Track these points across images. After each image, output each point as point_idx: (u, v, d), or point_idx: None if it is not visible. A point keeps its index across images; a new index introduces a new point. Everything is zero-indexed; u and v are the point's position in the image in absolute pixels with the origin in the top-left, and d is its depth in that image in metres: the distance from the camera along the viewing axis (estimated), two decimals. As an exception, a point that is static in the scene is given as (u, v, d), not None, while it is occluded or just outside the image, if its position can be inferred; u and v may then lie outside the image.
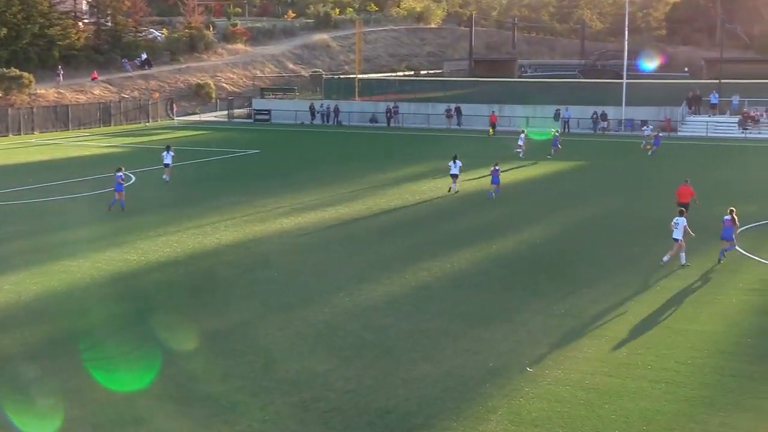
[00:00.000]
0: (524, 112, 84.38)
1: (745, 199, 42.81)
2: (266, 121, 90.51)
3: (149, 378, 19.17)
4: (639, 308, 24.48)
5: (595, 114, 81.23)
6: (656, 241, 33.55)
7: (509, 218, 38.65)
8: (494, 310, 24.37)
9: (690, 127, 78.61)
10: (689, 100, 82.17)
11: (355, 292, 26.25)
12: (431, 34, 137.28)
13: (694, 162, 58.82)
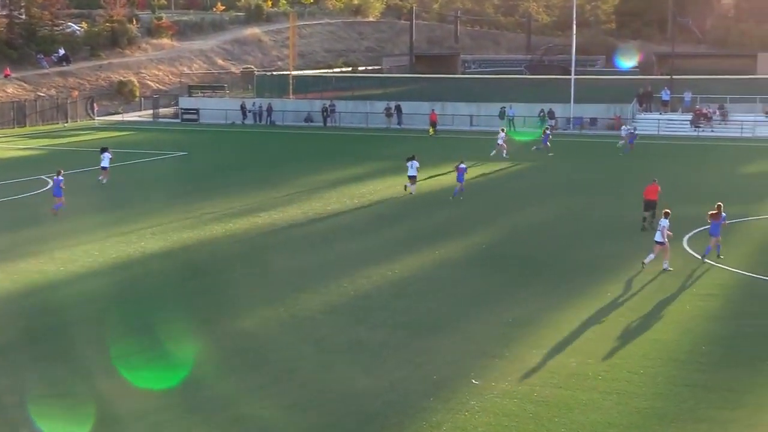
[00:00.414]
0: (468, 110, 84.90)
1: (700, 200, 43.46)
2: (194, 121, 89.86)
3: (57, 399, 18.93)
4: (589, 315, 24.72)
5: (542, 112, 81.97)
6: (608, 245, 33.97)
7: (454, 221, 38.82)
8: (439, 319, 24.45)
9: (641, 125, 79.59)
10: (640, 97, 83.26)
11: (290, 302, 26.16)
12: (369, 28, 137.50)
13: (645, 162, 59.60)
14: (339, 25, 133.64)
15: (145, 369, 20.58)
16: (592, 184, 50.21)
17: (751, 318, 24.67)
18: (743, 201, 42.76)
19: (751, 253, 32.54)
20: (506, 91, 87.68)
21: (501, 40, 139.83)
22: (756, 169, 56.07)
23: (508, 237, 35.98)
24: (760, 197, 44.30)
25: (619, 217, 39.92)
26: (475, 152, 61.07)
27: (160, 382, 19.76)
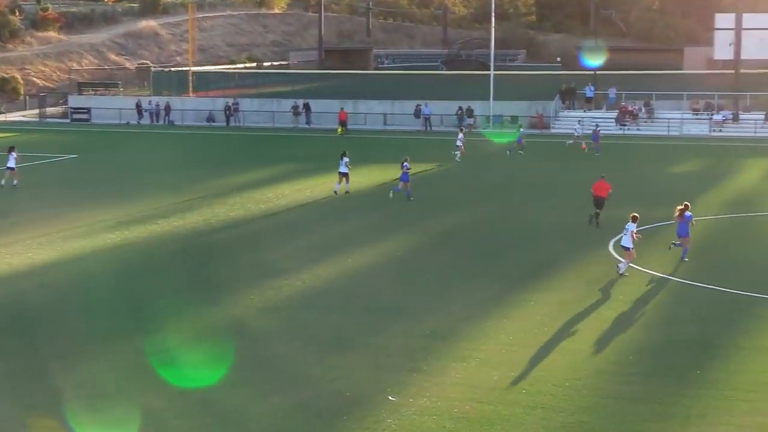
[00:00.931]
0: (381, 108, 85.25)
1: (627, 202, 44.23)
2: (85, 121, 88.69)
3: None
4: (512, 325, 25.02)
5: (460, 110, 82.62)
6: (531, 250, 34.41)
7: (367, 229, 38.96)
8: (351, 332, 24.51)
9: (564, 123, 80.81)
10: (563, 93, 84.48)
11: (192, 317, 26.00)
12: (275, 20, 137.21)
13: (568, 162, 60.53)
14: (242, 18, 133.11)
15: (31, 395, 20.29)
16: (516, 186, 50.82)
17: (679, 325, 25.20)
18: (671, 202, 43.56)
19: (677, 257, 33.20)
20: (422, 88, 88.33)
21: (416, 34, 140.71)
22: (684, 169, 57.32)
23: (426, 244, 36.20)
24: (687, 198, 44.96)
25: (545, 221, 40.47)
26: (388, 153, 61.31)
27: (53, 407, 19.50)
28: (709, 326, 25.11)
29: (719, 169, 57.86)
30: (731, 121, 79.17)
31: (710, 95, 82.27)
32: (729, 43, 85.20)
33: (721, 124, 78.80)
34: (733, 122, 79.13)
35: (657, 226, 38.87)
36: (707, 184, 50.76)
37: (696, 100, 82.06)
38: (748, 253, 34.36)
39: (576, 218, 40.70)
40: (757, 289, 28.91)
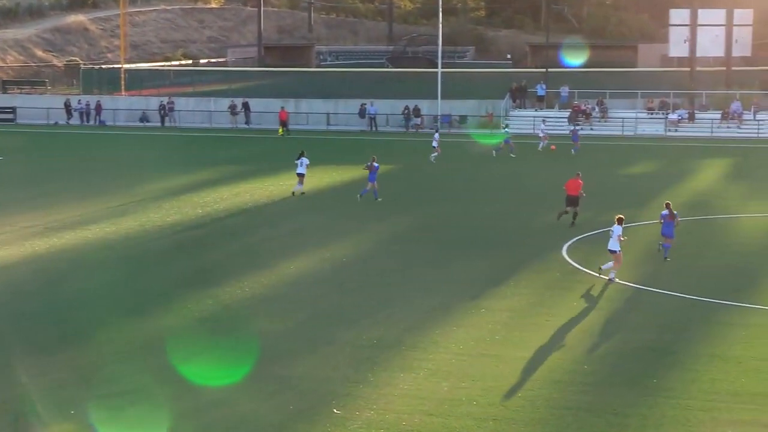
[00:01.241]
0: (324, 107, 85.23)
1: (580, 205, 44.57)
2: (10, 121, 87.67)
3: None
4: (462, 334, 25.08)
5: (407, 109, 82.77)
6: (483, 255, 34.52)
7: (310, 233, 38.89)
8: (294, 342, 24.43)
9: (515, 123, 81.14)
10: (513, 92, 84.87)
11: (125, 327, 25.76)
12: (212, 15, 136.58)
13: (518, 164, 60.86)
14: (177, 12, 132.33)
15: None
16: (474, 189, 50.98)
17: (636, 332, 25.40)
18: (625, 205, 43.91)
19: (634, 263, 33.50)
20: (366, 87, 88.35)
21: (360, 30, 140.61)
22: (639, 170, 57.83)
23: (373, 249, 36.22)
24: (643, 201, 45.67)
25: (499, 225, 40.65)
26: (332, 155, 61.28)
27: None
28: (666, 333, 25.34)
29: (675, 170, 58.45)
30: (687, 121, 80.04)
31: (665, 94, 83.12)
32: (684, 40, 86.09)
33: (676, 124, 79.64)
34: (688, 121, 80.00)
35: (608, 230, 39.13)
36: (663, 186, 51.23)
37: (651, 99, 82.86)
38: (706, 257, 34.74)
39: (530, 222, 41.01)
40: (715, 294, 29.23)
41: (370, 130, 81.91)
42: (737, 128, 78.77)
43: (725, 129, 78.53)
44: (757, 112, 79.64)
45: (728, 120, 79.13)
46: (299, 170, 47.22)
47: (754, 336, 24.98)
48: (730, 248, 35.84)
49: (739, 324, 26.20)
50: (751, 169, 59.30)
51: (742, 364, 22.70)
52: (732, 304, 28.18)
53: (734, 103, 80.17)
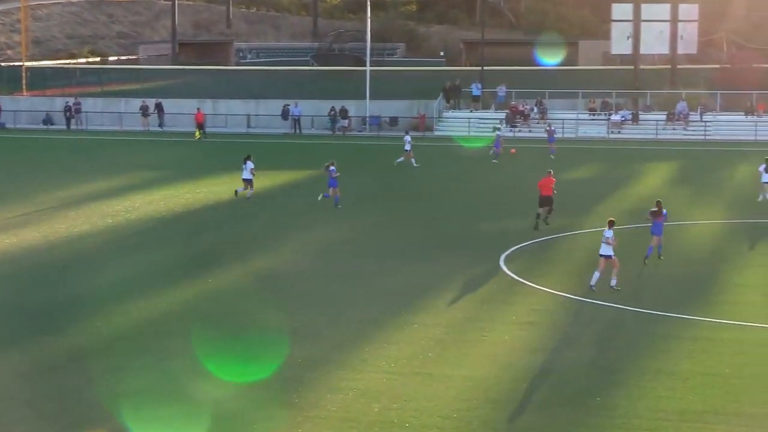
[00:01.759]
0: (244, 108, 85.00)
1: (518, 212, 44.93)
2: None
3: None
4: (394, 351, 25.11)
5: (333, 110, 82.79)
6: (413, 267, 34.61)
7: (231, 244, 38.75)
8: (213, 362, 24.29)
9: (449, 125, 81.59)
10: (447, 91, 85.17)
11: (30, 348, 25.48)
12: (121, 9, 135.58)
13: (452, 168, 61.15)
14: (83, 6, 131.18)
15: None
16: (402, 195, 51.15)
17: (578, 348, 25.61)
18: (566, 213, 44.37)
19: (574, 273, 33.82)
20: (290, 86, 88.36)
21: (282, 25, 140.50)
22: (580, 175, 58.30)
23: (297, 261, 36.16)
24: (584, 208, 46.10)
25: (432, 234, 40.79)
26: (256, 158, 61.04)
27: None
28: (609, 348, 25.59)
29: (618, 174, 59.06)
30: (630, 122, 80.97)
31: (608, 93, 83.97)
32: (627, 36, 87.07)
33: (619, 125, 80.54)
34: (632, 123, 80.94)
35: (551, 238, 39.52)
36: (605, 192, 51.77)
37: (592, 99, 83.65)
38: (651, 267, 35.11)
39: (468, 229, 41.24)
40: (660, 306, 29.58)
41: (294, 132, 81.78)
42: (683, 130, 79.83)
43: (671, 131, 79.56)
44: (703, 112, 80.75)
45: (674, 121, 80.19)
46: (244, 175, 47.47)
47: (702, 350, 25.32)
48: (676, 257, 36.27)
49: (685, 337, 26.54)
50: (697, 174, 60.09)
51: (689, 380, 22.99)
52: (678, 317, 28.53)
53: (680, 104, 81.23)
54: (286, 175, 57.02)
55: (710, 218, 44.54)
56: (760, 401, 21.52)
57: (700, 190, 53.68)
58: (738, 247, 39.05)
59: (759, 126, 79.08)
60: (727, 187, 54.63)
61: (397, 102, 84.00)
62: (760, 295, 31.12)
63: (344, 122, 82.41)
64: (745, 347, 25.51)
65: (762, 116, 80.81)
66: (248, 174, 47.65)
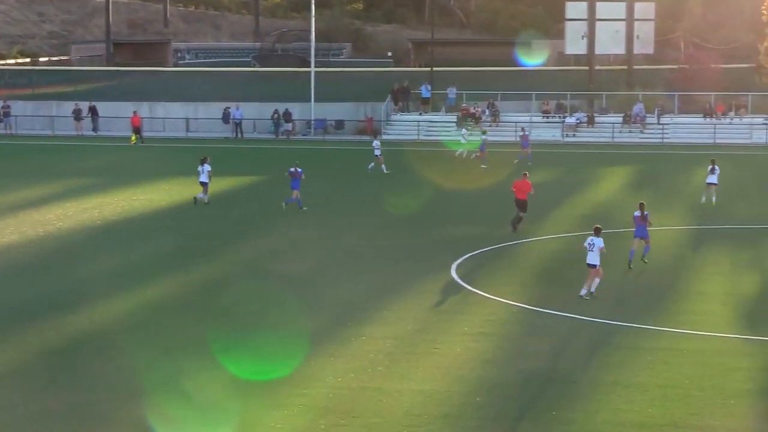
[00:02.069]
0: (183, 111, 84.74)
1: (468, 219, 45.09)
2: None
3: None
4: (341, 365, 25.08)
5: (276, 113, 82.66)
6: (361, 276, 34.63)
7: (170, 254, 38.64)
8: (152, 377, 24.15)
9: (397, 128, 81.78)
10: (395, 93, 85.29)
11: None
12: (52, 7, 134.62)
13: (401, 173, 61.22)
14: (11, 4, 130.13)
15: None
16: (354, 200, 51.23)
17: (532, 360, 25.70)
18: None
19: (529, 282, 33.98)
20: (231, 88, 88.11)
21: (223, 24, 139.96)
22: (534, 180, 58.11)
23: (239, 271, 36.10)
24: (538, 214, 46.29)
25: (382, 242, 40.83)
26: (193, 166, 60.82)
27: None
28: (565, 360, 25.72)
29: (573, 179, 59.39)
30: (586, 125, 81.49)
31: (562, 95, 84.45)
32: (582, 36, 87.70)
33: (574, 128, 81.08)
34: (587, 126, 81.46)
35: (504, 246, 39.67)
36: (560, 197, 52.03)
37: (546, 101, 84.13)
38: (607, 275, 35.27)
39: (419, 236, 41.30)
40: (617, 316, 29.78)
41: (235, 136, 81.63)
42: (640, 133, 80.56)
43: (627, 134, 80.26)
44: (661, 114, 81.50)
45: (630, 124, 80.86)
46: (201, 178, 47.43)
47: (661, 361, 25.48)
48: (633, 265, 36.52)
49: (643, 348, 26.70)
50: (655, 178, 60.57)
51: (648, 392, 23.13)
52: (636, 327, 28.72)
53: (637, 106, 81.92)
54: (226, 181, 56.78)
55: (668, 225, 44.85)
56: (721, 414, 21.70)
57: (657, 195, 54.03)
58: (697, 254, 39.44)
59: (718, 128, 79.88)
60: (685, 192, 55.07)
61: (343, 104, 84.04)
62: (720, 304, 31.41)
63: (288, 126, 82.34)
64: (705, 358, 25.71)
65: (721, 118, 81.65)
66: (205, 177, 47.51)
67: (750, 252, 39.40)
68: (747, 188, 54.85)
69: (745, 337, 27.68)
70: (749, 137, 79.96)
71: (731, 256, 38.64)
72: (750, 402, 22.49)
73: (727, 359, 25.56)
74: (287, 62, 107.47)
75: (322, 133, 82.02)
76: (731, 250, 39.86)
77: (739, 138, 79.48)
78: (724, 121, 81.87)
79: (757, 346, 26.93)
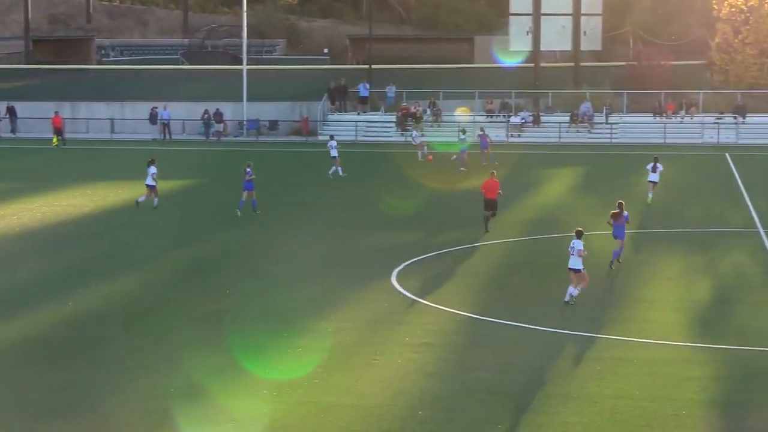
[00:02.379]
0: (108, 112, 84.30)
1: (405, 225, 45.19)
2: None
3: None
4: (275, 378, 25.05)
5: (207, 114, 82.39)
6: (296, 286, 34.61)
7: (93, 263, 38.41)
8: (76, 394, 24.00)
9: (334, 128, 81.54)
10: (332, 92, 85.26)
11: None
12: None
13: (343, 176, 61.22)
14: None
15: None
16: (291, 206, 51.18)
17: (476, 371, 25.76)
18: (459, 226, 44.82)
19: (472, 289, 34.08)
20: (158, 87, 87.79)
21: (149, 20, 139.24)
22: (476, 183, 58.47)
23: (167, 280, 35.95)
24: (476, 220, 46.45)
25: (320, 249, 40.80)
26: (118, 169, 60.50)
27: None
28: (510, 371, 25.80)
29: (518, 181, 59.49)
30: (531, 124, 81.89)
31: (507, 93, 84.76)
32: (526, 32, 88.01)
33: (519, 128, 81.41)
34: (533, 125, 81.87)
35: (446, 252, 39.77)
36: (505, 200, 52.13)
37: (490, 100, 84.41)
38: (554, 282, 35.43)
39: (358, 243, 41.34)
40: (564, 325, 29.91)
41: (164, 138, 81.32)
42: (588, 133, 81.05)
43: (574, 134, 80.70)
44: (609, 114, 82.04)
45: (578, 123, 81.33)
46: (147, 181, 47.40)
47: (610, 371, 25.65)
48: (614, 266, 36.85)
49: (592, 358, 26.88)
50: (603, 179, 60.99)
51: (597, 403, 23.28)
52: (584, 336, 28.88)
53: (584, 104, 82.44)
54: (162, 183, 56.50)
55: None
56: (672, 425, 21.88)
57: (606, 196, 54.34)
58: (647, 259, 39.68)
59: (668, 128, 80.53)
60: (634, 194, 55.39)
61: (277, 104, 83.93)
62: (670, 311, 31.66)
63: (219, 126, 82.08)
64: (655, 368, 25.90)
65: (671, 117, 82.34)
66: (151, 180, 47.22)
67: (702, 256, 39.78)
68: (698, 190, 55.34)
69: (697, 345, 27.95)
70: (701, 137, 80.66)
71: (683, 261, 38.98)
72: (701, 413, 22.70)
73: (679, 368, 25.78)
74: (218, 60, 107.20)
75: (255, 134, 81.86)
76: (683, 254, 40.21)
77: (691, 138, 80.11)
78: (674, 120, 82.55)
79: (709, 354, 27.19)
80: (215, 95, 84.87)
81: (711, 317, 31.09)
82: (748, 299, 32.86)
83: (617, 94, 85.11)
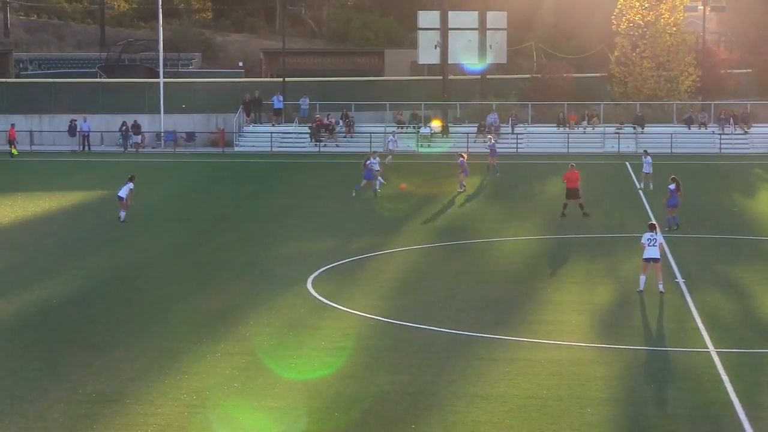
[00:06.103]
0: (26, 124, 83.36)
1: (320, 232, 45.20)
2: None
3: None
4: (196, 382, 24.84)
5: (125, 125, 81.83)
6: (212, 291, 34.46)
7: (13, 270, 37.97)
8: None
9: (250, 140, 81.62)
10: (247, 104, 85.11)
11: None
12: None
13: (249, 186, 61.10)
14: None
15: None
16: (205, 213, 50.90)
17: (390, 374, 25.78)
18: (372, 233, 44.91)
19: (385, 294, 34.13)
20: (77, 100, 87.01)
21: (67, 34, 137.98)
22: (386, 191, 58.72)
23: (89, 288, 35.55)
24: (392, 226, 46.67)
25: (235, 255, 40.68)
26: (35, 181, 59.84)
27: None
28: (423, 373, 25.85)
29: (427, 190, 59.77)
30: (440, 135, 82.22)
31: (416, 105, 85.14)
32: (435, 45, 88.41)
33: (429, 139, 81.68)
34: (442, 136, 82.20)
35: (359, 258, 39.84)
36: (414, 209, 52.40)
37: (400, 111, 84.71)
38: (464, 286, 35.69)
39: (274, 251, 41.25)
40: (474, 327, 30.07)
41: (83, 150, 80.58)
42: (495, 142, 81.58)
43: (481, 143, 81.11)
44: (515, 124, 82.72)
45: (485, 133, 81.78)
46: (120, 192, 46.84)
47: (518, 371, 25.82)
48: (490, 276, 36.99)
49: (501, 359, 27.02)
50: (509, 187, 61.43)
51: (507, 403, 23.42)
52: (493, 338, 29.05)
53: (490, 116, 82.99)
54: (74, 196, 55.97)
55: (524, 234, 45.56)
56: (578, 423, 22.06)
57: (512, 204, 54.89)
58: (552, 264, 40.04)
59: (571, 138, 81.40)
60: (540, 201, 55.95)
61: (193, 116, 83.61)
62: (576, 313, 31.92)
63: (137, 138, 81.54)
64: (562, 368, 26.10)
65: (574, 128, 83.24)
66: (124, 192, 46.38)
67: (605, 261, 40.15)
68: (600, 197, 55.86)
69: (601, 346, 28.21)
70: (602, 146, 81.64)
71: (586, 266, 39.34)
72: (607, 411, 22.91)
73: (584, 368, 26.00)
74: (135, 73, 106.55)
75: (173, 145, 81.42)
76: (586, 259, 40.59)
77: (592, 147, 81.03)
78: (577, 130, 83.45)
79: (612, 354, 27.47)
80: (133, 107, 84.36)
81: (614, 319, 31.40)
82: (647, 301, 33.23)
83: (522, 106, 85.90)
